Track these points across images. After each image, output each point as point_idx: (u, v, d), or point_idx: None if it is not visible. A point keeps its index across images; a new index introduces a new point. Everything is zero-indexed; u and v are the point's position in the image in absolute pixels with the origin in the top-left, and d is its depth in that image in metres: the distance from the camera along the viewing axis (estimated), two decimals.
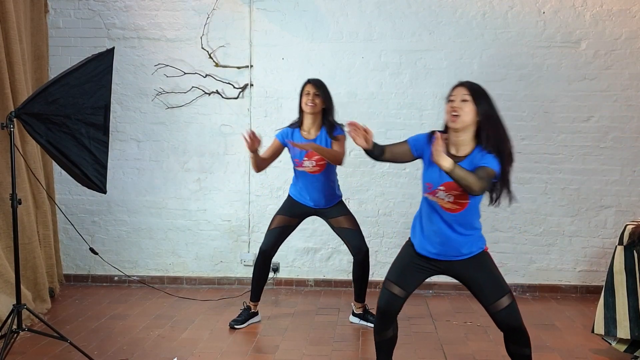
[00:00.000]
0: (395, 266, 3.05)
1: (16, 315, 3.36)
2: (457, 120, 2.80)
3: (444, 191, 2.85)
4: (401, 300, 3.02)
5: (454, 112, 2.79)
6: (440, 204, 2.88)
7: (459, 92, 2.84)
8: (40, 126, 3.37)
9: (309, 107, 4.12)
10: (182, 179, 5.38)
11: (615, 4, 5.03)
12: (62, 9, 5.32)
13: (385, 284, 3.03)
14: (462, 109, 2.79)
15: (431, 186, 2.89)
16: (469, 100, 2.80)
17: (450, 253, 2.94)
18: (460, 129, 2.83)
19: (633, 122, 5.08)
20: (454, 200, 2.85)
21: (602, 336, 3.76)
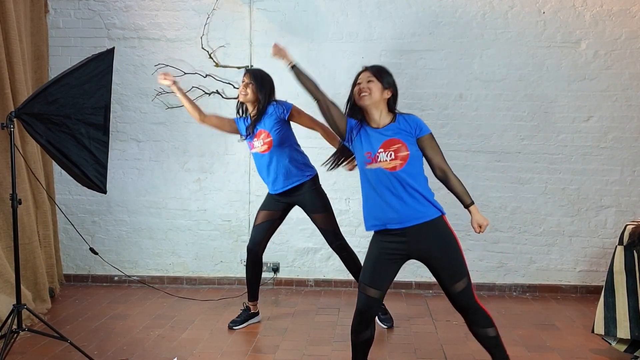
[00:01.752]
0: (366, 267, 3.06)
1: (16, 315, 3.37)
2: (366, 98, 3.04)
3: (383, 152, 2.98)
4: (378, 301, 3.06)
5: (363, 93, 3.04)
6: (384, 166, 2.96)
7: (363, 77, 3.10)
8: (40, 126, 3.37)
9: (242, 96, 4.15)
10: (182, 179, 5.38)
11: (615, 4, 5.03)
12: (62, 9, 5.32)
13: (360, 287, 3.06)
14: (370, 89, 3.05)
15: (370, 153, 3.00)
16: (374, 80, 3.06)
17: (410, 214, 2.95)
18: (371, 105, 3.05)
19: (633, 122, 5.08)
20: (395, 156, 2.96)
21: (602, 336, 3.76)
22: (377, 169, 2.98)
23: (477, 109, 5.16)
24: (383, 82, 3.07)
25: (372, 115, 3.07)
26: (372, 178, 3.01)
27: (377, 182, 2.99)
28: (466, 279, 2.99)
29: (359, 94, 3.04)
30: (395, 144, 2.98)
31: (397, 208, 2.95)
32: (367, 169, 3.02)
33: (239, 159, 5.33)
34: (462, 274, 2.99)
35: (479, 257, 5.21)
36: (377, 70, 3.11)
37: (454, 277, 2.98)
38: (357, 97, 3.05)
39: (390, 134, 3.02)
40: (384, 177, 2.97)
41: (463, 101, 5.17)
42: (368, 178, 3.03)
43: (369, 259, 3.07)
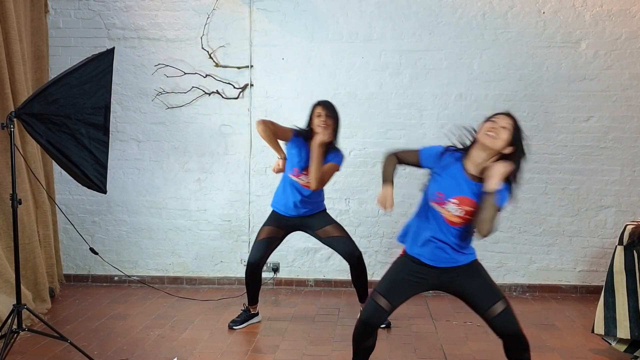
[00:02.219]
0: (387, 279, 3.03)
1: (16, 315, 3.37)
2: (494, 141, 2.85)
3: (456, 204, 2.88)
4: (386, 314, 3.02)
5: (491, 132, 2.85)
6: (446, 215, 2.90)
7: (502, 119, 2.89)
8: (40, 126, 3.37)
9: (321, 129, 4.03)
10: (182, 179, 5.38)
11: (615, 4, 5.03)
12: (62, 9, 5.32)
13: (374, 295, 3.01)
14: (499, 133, 2.85)
15: (442, 197, 2.89)
16: (509, 129, 2.87)
17: (444, 260, 2.95)
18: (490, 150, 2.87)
19: (633, 122, 5.08)
20: (463, 215, 2.87)
21: (602, 336, 3.76)
22: (438, 214, 2.92)
23: (477, 109, 5.16)
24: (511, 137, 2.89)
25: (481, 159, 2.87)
26: (430, 212, 2.95)
27: (433, 219, 2.93)
28: (503, 301, 2.94)
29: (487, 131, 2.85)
30: (471, 205, 2.85)
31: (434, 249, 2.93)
32: (430, 204, 2.95)
33: (239, 159, 5.33)
34: (496, 296, 2.94)
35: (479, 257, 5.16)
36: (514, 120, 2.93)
37: (489, 301, 2.93)
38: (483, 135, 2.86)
39: (471, 194, 2.86)
40: (441, 221, 2.91)
41: (463, 101, 5.17)
42: (425, 210, 2.97)
43: (393, 271, 3.03)
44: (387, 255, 5.29)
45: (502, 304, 2.92)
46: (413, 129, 5.20)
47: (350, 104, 5.15)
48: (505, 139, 2.86)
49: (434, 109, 5.19)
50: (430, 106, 5.19)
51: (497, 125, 2.86)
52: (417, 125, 5.17)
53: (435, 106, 5.19)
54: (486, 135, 2.86)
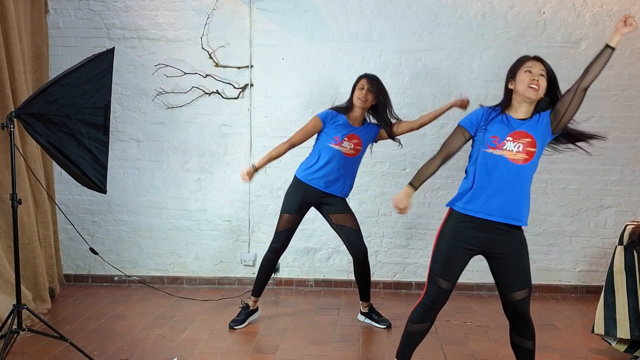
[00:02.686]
0: (440, 258, 3.00)
1: (16, 315, 3.36)
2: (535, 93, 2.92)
3: (511, 141, 2.90)
4: (449, 293, 3.04)
5: (533, 84, 2.91)
6: (508, 156, 2.89)
7: (536, 66, 2.96)
8: (41, 126, 3.37)
9: (360, 102, 4.16)
10: (182, 179, 5.38)
11: (615, 4, 5.04)
12: (62, 9, 5.32)
13: (432, 278, 3.00)
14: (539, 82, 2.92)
15: (498, 138, 2.91)
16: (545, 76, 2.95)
17: (511, 214, 2.93)
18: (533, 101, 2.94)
19: (633, 122, 5.09)
20: (523, 149, 2.90)
21: (602, 336, 3.77)
22: (499, 157, 2.91)
23: None
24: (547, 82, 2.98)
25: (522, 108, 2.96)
26: (490, 164, 2.93)
27: (494, 169, 2.92)
28: (530, 289, 2.99)
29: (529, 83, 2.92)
30: (526, 137, 2.90)
31: (506, 201, 2.91)
32: (487, 152, 2.93)
33: (239, 159, 5.33)
34: (528, 282, 2.98)
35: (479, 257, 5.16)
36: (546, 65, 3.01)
37: (520, 284, 2.95)
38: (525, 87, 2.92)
39: (523, 127, 2.92)
40: (504, 167, 2.90)
41: None
42: (485, 162, 2.94)
43: (444, 248, 3.00)
44: (387, 255, 5.30)
45: (527, 292, 2.98)
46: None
47: None
48: (545, 85, 2.95)
49: (434, 109, 5.17)
50: (430, 106, 5.18)
51: (535, 75, 2.92)
52: None
53: (435, 106, 5.17)
54: (529, 88, 2.91)
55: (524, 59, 3.03)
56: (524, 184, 2.95)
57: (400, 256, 5.30)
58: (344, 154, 4.19)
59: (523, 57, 3.05)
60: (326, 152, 4.21)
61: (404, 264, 5.30)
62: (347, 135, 4.18)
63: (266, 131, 5.27)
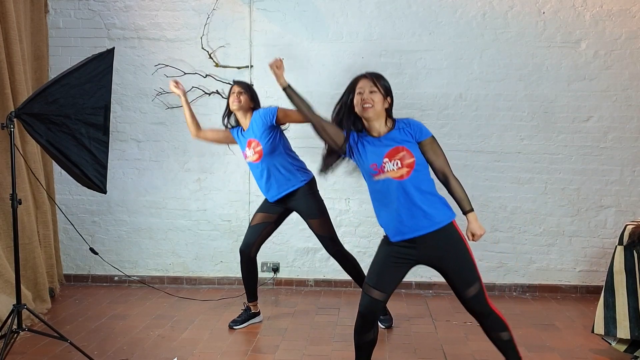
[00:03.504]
0: (373, 269, 3.04)
1: (16, 315, 3.36)
2: (370, 111, 2.95)
3: (388, 161, 2.93)
4: (381, 303, 3.03)
5: (367, 104, 2.94)
6: (392, 176, 2.92)
7: (364, 84, 3.00)
8: (41, 126, 3.37)
9: (235, 105, 4.10)
10: (182, 179, 5.38)
11: (615, 4, 5.04)
12: (62, 9, 5.32)
13: (365, 288, 3.03)
14: (373, 98, 2.95)
15: (376, 165, 2.95)
16: (376, 90, 2.97)
17: (421, 223, 2.92)
18: (374, 118, 2.97)
19: (633, 122, 5.09)
20: (402, 164, 2.91)
21: (602, 336, 3.76)
22: (385, 180, 2.94)
23: (477, 109, 5.16)
24: (383, 91, 2.99)
25: (373, 126, 2.99)
26: (381, 189, 2.97)
27: (387, 192, 2.95)
28: (478, 284, 2.95)
29: (362, 104, 2.94)
30: (400, 151, 2.92)
31: (408, 218, 2.91)
32: (374, 180, 2.97)
33: (239, 159, 5.32)
34: (473, 279, 2.95)
35: (479, 257, 5.16)
36: (377, 78, 3.02)
37: (465, 283, 2.95)
38: (360, 109, 2.95)
39: (393, 143, 2.94)
40: (393, 187, 2.92)
41: (463, 101, 5.17)
42: (377, 189, 2.99)
43: (376, 261, 3.04)
44: None
45: (478, 285, 2.95)
46: None
47: None
48: (380, 99, 2.96)
49: (434, 109, 5.19)
50: (430, 106, 5.19)
51: (366, 95, 2.95)
52: None
53: (435, 106, 5.19)
54: (363, 108, 2.95)
55: (354, 81, 3.06)
56: (416, 192, 2.92)
57: None
58: (253, 162, 4.14)
59: (353, 79, 3.08)
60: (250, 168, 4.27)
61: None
62: (245, 144, 4.14)
63: None
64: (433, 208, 2.94)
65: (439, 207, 2.96)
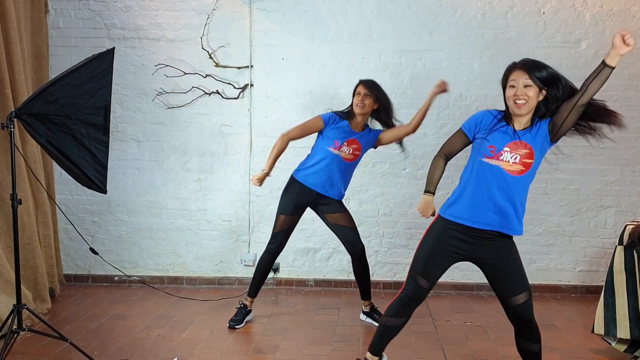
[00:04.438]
0: (423, 256, 2.99)
1: (16, 315, 3.36)
2: (524, 107, 2.85)
3: (509, 152, 2.86)
4: (427, 292, 3.03)
5: (520, 100, 2.84)
6: (504, 167, 2.85)
7: (519, 77, 2.86)
8: (41, 126, 3.37)
9: (358, 108, 4.18)
10: (182, 179, 5.38)
11: (615, 4, 5.04)
12: (62, 9, 5.32)
13: (412, 274, 3.01)
14: (527, 94, 2.84)
15: (495, 149, 2.86)
16: (532, 85, 2.84)
17: (501, 222, 2.88)
18: (526, 113, 2.89)
19: (633, 122, 5.08)
20: (520, 161, 2.85)
21: (602, 336, 3.77)
22: (495, 167, 2.87)
23: (477, 109, 5.15)
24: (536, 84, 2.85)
25: (520, 120, 2.90)
26: (486, 173, 2.89)
27: (491, 179, 2.88)
28: (528, 292, 2.94)
29: (514, 100, 2.85)
30: (524, 148, 2.84)
31: (499, 212, 2.87)
32: (483, 161, 2.90)
33: (239, 159, 5.33)
34: (525, 286, 2.93)
35: None
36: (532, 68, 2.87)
37: (518, 287, 2.91)
38: (512, 103, 2.86)
39: (523, 138, 2.86)
40: (500, 178, 2.86)
41: (463, 101, 5.17)
42: (481, 171, 2.91)
43: (426, 248, 2.99)
44: (387, 255, 5.30)
45: (527, 295, 2.93)
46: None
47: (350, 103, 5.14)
48: (534, 94, 2.84)
49: (434, 109, 5.17)
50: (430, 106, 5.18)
51: (519, 89, 2.84)
52: None
53: (435, 106, 5.17)
54: (515, 104, 2.85)
55: (508, 70, 2.96)
56: (518, 195, 2.90)
57: (400, 256, 5.30)
58: (342, 158, 4.21)
59: (508, 67, 2.97)
60: (325, 156, 4.22)
61: (404, 264, 5.29)
62: (346, 140, 4.20)
63: (266, 131, 5.27)
64: (517, 216, 2.92)
65: (520, 219, 2.94)
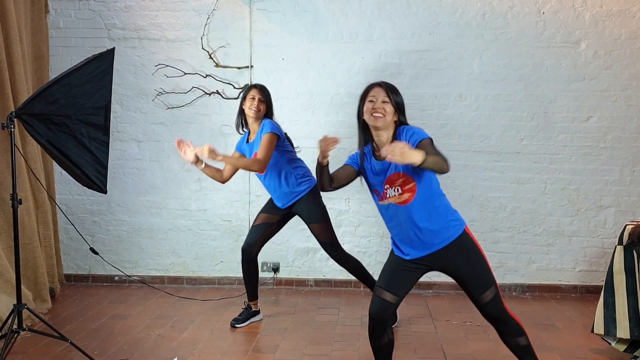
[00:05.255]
0: (385, 272, 3.03)
1: (16, 315, 3.37)
2: (380, 120, 2.85)
3: (390, 187, 2.88)
4: (393, 307, 2.99)
5: (377, 113, 2.84)
6: (395, 201, 2.88)
7: (377, 92, 2.88)
8: (41, 126, 3.37)
9: (252, 112, 4.09)
10: (183, 179, 5.38)
11: (615, 5, 5.04)
12: (62, 9, 5.32)
13: (376, 290, 3.00)
14: (385, 109, 2.85)
15: (378, 191, 2.91)
16: (388, 101, 2.86)
17: (432, 241, 2.89)
18: (383, 127, 2.88)
19: (633, 122, 5.09)
20: (403, 190, 2.85)
21: (602, 336, 3.77)
22: (389, 205, 2.90)
23: (477, 109, 5.17)
24: (394, 103, 2.88)
25: (380, 137, 2.89)
26: (387, 212, 2.94)
27: (393, 215, 2.91)
28: (493, 287, 2.91)
29: (372, 113, 2.84)
30: (399, 177, 2.84)
31: (417, 239, 2.89)
32: (380, 204, 2.96)
33: None
34: (488, 283, 2.91)
35: None
36: (391, 90, 2.91)
37: (481, 287, 2.90)
38: (369, 116, 2.85)
39: (390, 168, 2.85)
40: (398, 211, 2.88)
41: (463, 101, 5.18)
42: (384, 212, 2.97)
43: (388, 264, 3.03)
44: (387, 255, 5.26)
45: (493, 290, 2.91)
46: None
47: (350, 104, 5.13)
48: (392, 110, 2.86)
49: (434, 109, 5.19)
50: (430, 106, 5.19)
51: (378, 103, 2.85)
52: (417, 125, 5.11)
53: (435, 106, 5.19)
54: (373, 117, 2.85)
55: (367, 89, 2.94)
56: (423, 213, 2.86)
57: None
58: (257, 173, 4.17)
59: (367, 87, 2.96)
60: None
61: None
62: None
63: None
64: (443, 224, 2.88)
65: (449, 221, 2.90)
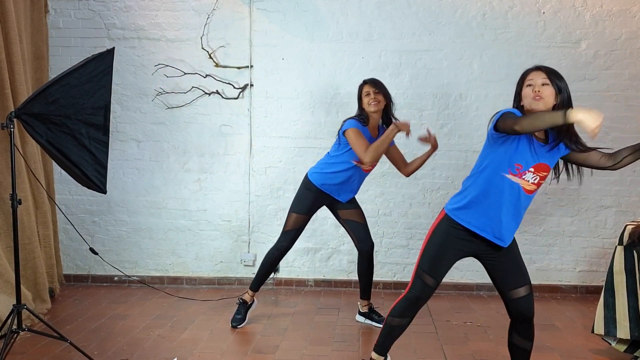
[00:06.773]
0: (430, 255, 2.98)
1: (16, 315, 3.36)
2: (541, 102, 2.78)
3: (533, 172, 2.82)
4: (433, 290, 3.02)
5: (536, 97, 2.79)
6: (523, 185, 2.83)
7: (537, 76, 2.83)
8: (41, 126, 3.37)
9: (373, 106, 4.10)
10: (182, 179, 5.38)
11: (615, 4, 5.04)
12: (62, 9, 5.32)
13: (419, 273, 3.00)
14: (543, 92, 2.80)
15: (521, 167, 2.82)
16: (549, 82, 2.81)
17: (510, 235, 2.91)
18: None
19: (633, 122, 5.09)
20: (538, 182, 2.85)
21: (602, 336, 3.77)
22: (515, 185, 2.82)
23: (477, 109, 5.16)
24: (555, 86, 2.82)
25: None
26: (505, 188, 2.84)
27: (508, 194, 2.84)
28: (529, 286, 2.97)
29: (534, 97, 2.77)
30: (545, 170, 2.83)
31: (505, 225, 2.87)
32: (506, 177, 2.83)
33: (239, 159, 5.33)
34: (528, 277, 2.97)
35: None
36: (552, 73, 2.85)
37: (520, 280, 2.94)
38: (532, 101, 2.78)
39: (545, 158, 2.82)
40: (516, 195, 2.84)
41: (463, 101, 5.18)
42: (501, 185, 2.84)
43: (432, 246, 2.98)
44: (387, 256, 5.30)
45: (528, 288, 2.96)
46: (413, 129, 5.15)
47: (350, 104, 5.13)
48: (551, 93, 2.80)
49: (434, 109, 5.19)
50: (430, 106, 5.19)
51: (537, 87, 2.79)
52: (417, 125, 5.15)
53: (435, 106, 5.19)
54: (533, 101, 2.79)
55: (525, 73, 2.90)
56: (525, 209, 2.91)
57: (400, 256, 5.31)
58: (363, 170, 4.18)
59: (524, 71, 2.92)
60: (348, 167, 4.15)
61: (403, 264, 5.30)
62: None
63: (266, 131, 5.28)
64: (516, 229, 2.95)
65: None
